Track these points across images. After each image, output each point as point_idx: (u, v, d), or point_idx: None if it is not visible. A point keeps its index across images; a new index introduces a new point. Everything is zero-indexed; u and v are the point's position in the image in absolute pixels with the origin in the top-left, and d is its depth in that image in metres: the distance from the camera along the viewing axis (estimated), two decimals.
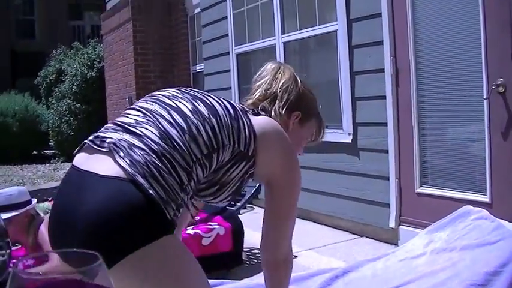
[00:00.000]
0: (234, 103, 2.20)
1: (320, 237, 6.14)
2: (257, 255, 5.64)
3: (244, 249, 5.28)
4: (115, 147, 1.88)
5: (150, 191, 1.79)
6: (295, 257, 5.48)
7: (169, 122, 1.97)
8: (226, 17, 8.46)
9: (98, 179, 1.84)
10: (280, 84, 2.42)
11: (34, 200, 4.21)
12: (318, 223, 6.69)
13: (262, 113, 2.32)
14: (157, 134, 1.92)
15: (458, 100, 4.95)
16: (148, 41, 12.06)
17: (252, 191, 5.48)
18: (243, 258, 5.22)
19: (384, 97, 5.50)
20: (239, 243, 5.07)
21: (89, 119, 14.56)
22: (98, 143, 1.94)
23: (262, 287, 3.33)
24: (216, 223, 5.00)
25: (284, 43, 7.18)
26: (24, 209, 4.00)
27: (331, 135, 6.25)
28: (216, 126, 2.01)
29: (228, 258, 5.01)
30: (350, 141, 6.01)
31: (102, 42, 15.16)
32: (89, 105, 15.13)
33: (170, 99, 2.08)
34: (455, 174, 5.06)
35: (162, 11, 12.01)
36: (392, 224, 5.56)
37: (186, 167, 1.91)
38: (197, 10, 10.44)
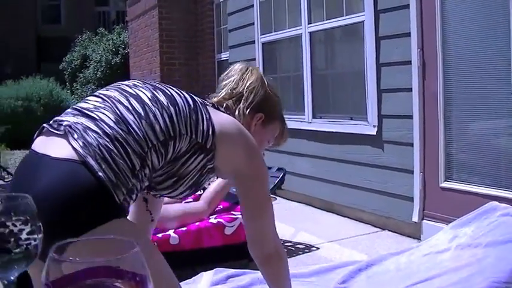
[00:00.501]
0: (194, 96, 2.22)
1: (342, 230, 6.12)
2: None
3: None
4: (70, 130, 1.91)
5: (100, 174, 1.82)
6: (317, 248, 5.47)
7: (127, 108, 1.99)
8: (252, 6, 8.42)
9: (51, 160, 1.87)
10: (247, 84, 2.45)
11: None
12: (341, 215, 6.66)
13: (222, 109, 2.34)
14: (113, 118, 1.94)
15: (486, 94, 4.89)
16: (173, 28, 12.08)
17: (276, 181, 5.45)
18: None
19: (410, 89, 5.45)
20: None
21: None
22: (55, 126, 1.97)
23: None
24: (239, 212, 4.98)
25: (310, 33, 7.14)
26: None
27: (355, 127, 6.23)
28: (174, 115, 2.03)
29: None
30: (375, 134, 5.97)
31: (127, 28, 15.20)
32: None
33: (131, 88, 2.10)
34: (480, 169, 5.01)
35: None
36: (415, 218, 5.52)
37: (141, 152, 1.93)
38: None
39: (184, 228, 4.66)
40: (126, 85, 2.14)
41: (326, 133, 6.82)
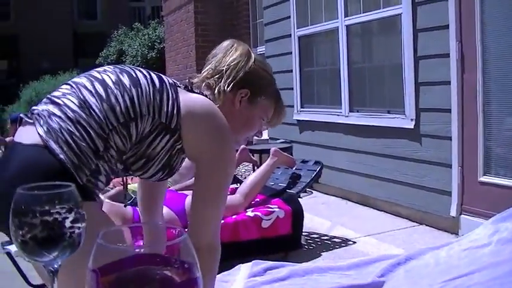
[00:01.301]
0: (165, 78, 2.20)
1: (379, 224, 6.09)
2: (316, 239, 5.62)
3: (303, 233, 5.26)
4: (37, 117, 1.97)
5: (61, 156, 1.87)
6: (354, 242, 5.45)
7: (90, 92, 2.01)
8: None
9: (20, 147, 1.95)
10: (229, 60, 2.36)
11: None
12: (377, 209, 6.63)
13: (197, 90, 2.29)
14: (76, 103, 1.98)
15: None
16: (209, 22, 12.09)
17: (313, 175, 5.44)
18: (302, 242, 5.20)
19: (449, 83, 5.39)
20: (298, 227, 5.05)
21: None
22: (29, 115, 2.03)
23: (323, 270, 3.32)
24: (276, 206, 4.99)
25: (347, 26, 7.11)
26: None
27: (393, 121, 6.19)
28: (135, 96, 2.03)
29: (287, 242, 5.00)
30: (412, 127, 5.92)
31: (163, 23, 15.25)
32: None
33: (99, 73, 2.12)
34: None
35: None
36: (453, 213, 5.47)
37: (102, 134, 1.95)
38: None
39: (221, 222, 4.66)
40: (96, 71, 2.15)
41: (363, 127, 6.78)
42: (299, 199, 5.28)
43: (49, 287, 1.14)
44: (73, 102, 1.99)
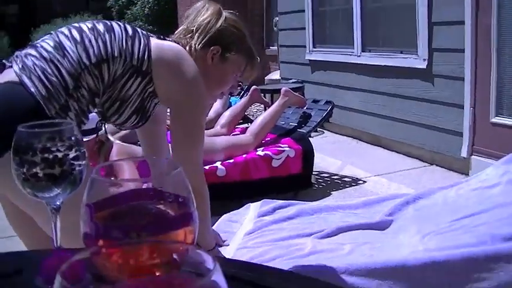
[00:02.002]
0: (139, 28, 2.34)
1: (390, 164, 6.09)
2: (326, 179, 5.64)
3: (314, 173, 5.28)
4: (15, 58, 2.11)
5: (32, 89, 1.99)
6: (364, 182, 5.46)
7: (66, 36, 2.15)
8: None
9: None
10: (200, 20, 2.49)
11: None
12: (388, 149, 6.63)
13: (169, 38, 2.43)
14: (52, 45, 2.12)
15: None
16: None
17: (324, 114, 5.42)
18: (312, 181, 5.22)
19: (463, 22, 5.31)
20: (309, 166, 5.06)
21: None
22: (10, 60, 2.15)
23: (332, 209, 3.34)
24: (287, 145, 4.99)
25: None
26: (94, 135, 4.05)
27: (405, 61, 6.14)
28: (108, 40, 2.16)
29: (297, 181, 5.02)
30: (425, 67, 5.87)
31: None
32: (161, 28, 15.15)
33: (78, 23, 2.25)
34: None
35: None
36: (464, 154, 5.46)
37: (74, 73, 2.07)
38: None
39: (231, 161, 4.68)
40: (77, 22, 2.29)
41: (375, 67, 6.73)
42: (310, 138, 5.28)
43: (52, 224, 1.15)
44: (49, 45, 2.12)
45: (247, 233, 3.09)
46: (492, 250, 2.40)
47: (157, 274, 0.62)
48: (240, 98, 6.60)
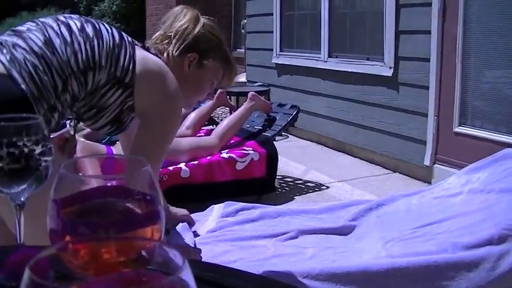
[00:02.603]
0: (125, 35, 2.26)
1: (353, 170, 6.12)
2: (289, 183, 5.65)
3: (277, 177, 5.28)
4: (0, 46, 2.00)
5: (22, 86, 1.91)
6: (327, 187, 5.48)
7: (56, 33, 2.07)
8: None
9: None
10: (178, 25, 2.48)
11: (68, 123, 4.22)
12: (352, 156, 6.66)
13: (152, 51, 2.39)
14: (41, 39, 2.03)
15: (507, 41, 4.81)
16: None
17: (289, 119, 5.43)
18: (275, 185, 5.23)
19: (429, 32, 5.37)
20: (272, 170, 5.07)
21: None
22: None
23: (295, 213, 3.34)
24: (251, 148, 4.99)
25: None
26: (59, 132, 4.02)
27: (372, 68, 6.18)
28: (96, 47, 2.09)
29: (261, 184, 5.02)
30: (391, 75, 5.91)
31: None
32: (129, 25, 15.09)
33: (65, 18, 2.17)
34: (495, 116, 4.97)
35: None
36: (427, 162, 5.51)
37: (62, 75, 2.01)
38: None
39: (195, 162, 4.67)
40: (63, 16, 2.21)
41: (341, 72, 6.77)
42: (274, 142, 5.29)
43: (15, 220, 1.13)
44: (38, 38, 2.03)
45: (209, 231, 3.09)
46: (453, 258, 2.43)
47: (125, 271, 0.62)
48: (206, 100, 6.59)
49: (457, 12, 5.09)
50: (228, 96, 5.95)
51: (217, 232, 3.06)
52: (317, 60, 7.24)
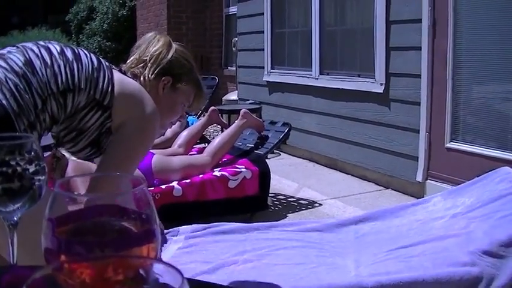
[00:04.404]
0: (103, 60, 2.34)
1: (346, 187, 6.12)
2: (282, 201, 5.64)
3: (270, 194, 5.28)
4: None
5: (3, 102, 1.95)
6: (320, 205, 5.48)
7: (36, 55, 2.13)
8: None
9: None
10: (152, 51, 2.57)
11: None
12: (344, 172, 6.67)
13: (129, 75, 2.48)
14: (22, 60, 2.09)
15: (497, 56, 4.84)
16: None
17: (281, 136, 5.43)
18: (268, 203, 5.22)
19: (419, 48, 5.39)
20: (265, 188, 5.06)
21: (119, 58, 14.55)
22: None
23: (265, 227, 3.33)
24: (243, 166, 4.98)
25: None
26: (50, 152, 4.01)
27: (362, 84, 6.20)
28: (75, 70, 2.16)
29: (253, 202, 5.00)
30: (382, 92, 5.93)
31: None
32: (120, 44, 15.11)
33: (44, 42, 2.25)
34: (486, 131, 4.99)
35: None
36: (419, 178, 5.52)
37: (42, 95, 2.07)
38: None
39: (187, 180, 4.66)
40: (43, 41, 2.27)
41: (333, 90, 6.78)
42: (266, 160, 5.28)
43: (8, 240, 1.12)
44: (19, 59, 2.09)
45: (179, 247, 3.09)
46: (422, 276, 2.42)
47: None
48: (198, 118, 6.60)
49: (446, 28, 5.11)
50: (219, 114, 5.95)
51: (188, 249, 3.06)
52: (308, 77, 7.26)
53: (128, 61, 2.61)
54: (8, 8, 26.19)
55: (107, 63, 2.33)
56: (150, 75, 2.52)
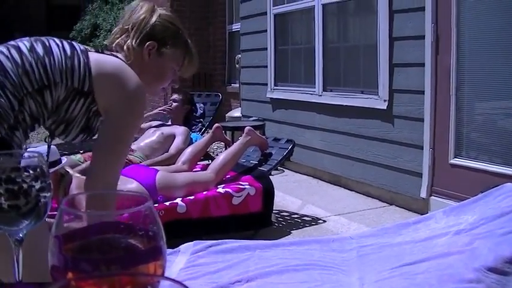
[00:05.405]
0: (76, 44, 2.33)
1: (350, 204, 6.11)
2: (286, 218, 5.63)
3: (274, 211, 5.27)
4: None
5: None
6: (324, 221, 5.46)
7: (6, 57, 2.12)
8: None
9: None
10: (135, 17, 2.51)
11: (64, 159, 4.23)
12: (348, 189, 6.66)
13: (108, 52, 2.44)
14: None
15: (500, 72, 4.85)
16: None
17: (285, 153, 5.43)
18: (272, 220, 5.21)
19: (423, 64, 5.40)
20: (269, 205, 5.05)
21: None
22: None
23: (266, 246, 3.31)
24: (247, 183, 4.97)
25: (323, 5, 7.08)
26: (54, 168, 4.02)
27: (366, 101, 6.20)
28: (48, 65, 2.15)
29: (257, 219, 4.99)
30: (385, 108, 5.93)
31: None
32: None
33: (15, 41, 2.23)
34: (490, 147, 4.99)
35: None
36: (423, 194, 5.51)
37: (17, 96, 2.07)
38: None
39: (191, 197, 4.65)
40: (13, 40, 2.25)
41: (336, 106, 6.79)
42: (270, 177, 5.28)
43: (14, 257, 1.12)
44: None
45: (181, 268, 3.07)
46: None
47: None
48: (202, 135, 6.60)
49: (450, 44, 5.12)
50: (223, 131, 5.96)
51: (190, 269, 3.04)
52: (312, 94, 7.26)
53: (112, 32, 2.61)
54: (11, 25, 26.30)
55: (81, 47, 2.32)
56: (133, 43, 2.46)
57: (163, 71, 2.59)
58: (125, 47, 2.46)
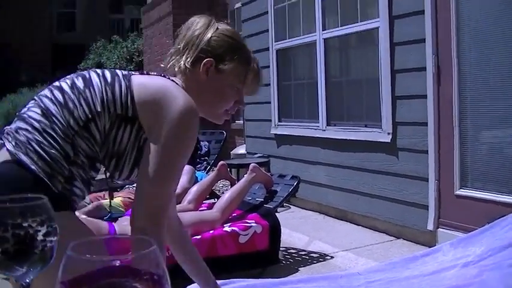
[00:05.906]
0: (119, 71, 2.20)
1: (357, 238, 6.08)
2: (293, 254, 5.61)
3: (281, 248, 5.25)
4: (5, 136, 2.02)
5: (32, 167, 1.91)
6: (332, 257, 5.44)
7: (50, 99, 2.06)
8: (266, 12, 8.41)
9: None
10: (189, 35, 2.31)
11: None
12: (355, 224, 6.63)
13: (154, 73, 2.29)
14: (39, 112, 2.03)
15: (503, 102, 4.86)
16: None
17: (290, 189, 5.43)
18: (279, 257, 5.19)
19: (425, 96, 5.42)
20: (276, 242, 5.03)
21: None
22: (0, 137, 2.05)
23: (276, 284, 3.30)
24: (253, 221, 4.96)
25: (325, 39, 7.12)
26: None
27: (370, 134, 6.20)
28: (89, 97, 2.05)
29: (265, 257, 4.97)
30: (389, 141, 5.93)
31: (142, 36, 15.24)
32: None
33: (59, 82, 2.16)
34: (496, 176, 4.97)
35: (203, 5, 12.02)
36: (430, 227, 5.48)
37: (67, 139, 1.99)
38: (238, 5, 10.47)
39: (198, 237, 4.64)
40: (58, 80, 2.18)
41: (340, 141, 6.79)
42: (276, 214, 5.27)
43: None
44: (36, 113, 2.03)
45: None
46: None
47: None
48: (207, 173, 6.60)
49: (451, 75, 5.14)
50: (228, 169, 5.96)
51: None
52: (316, 129, 7.27)
53: (167, 55, 2.39)
54: (17, 65, 26.48)
55: (124, 72, 2.18)
56: (187, 62, 2.25)
57: (223, 91, 2.35)
58: (176, 69, 2.30)
